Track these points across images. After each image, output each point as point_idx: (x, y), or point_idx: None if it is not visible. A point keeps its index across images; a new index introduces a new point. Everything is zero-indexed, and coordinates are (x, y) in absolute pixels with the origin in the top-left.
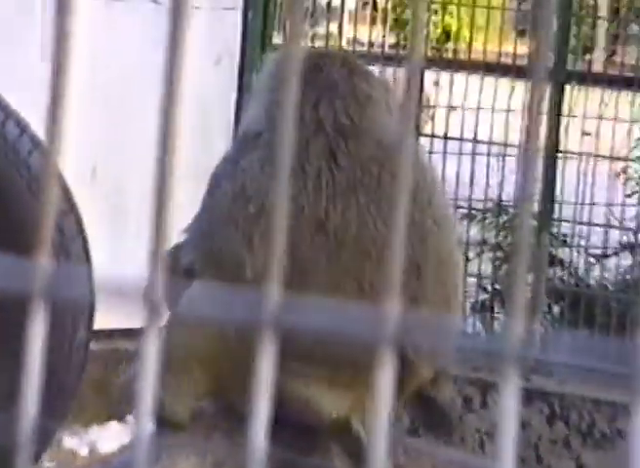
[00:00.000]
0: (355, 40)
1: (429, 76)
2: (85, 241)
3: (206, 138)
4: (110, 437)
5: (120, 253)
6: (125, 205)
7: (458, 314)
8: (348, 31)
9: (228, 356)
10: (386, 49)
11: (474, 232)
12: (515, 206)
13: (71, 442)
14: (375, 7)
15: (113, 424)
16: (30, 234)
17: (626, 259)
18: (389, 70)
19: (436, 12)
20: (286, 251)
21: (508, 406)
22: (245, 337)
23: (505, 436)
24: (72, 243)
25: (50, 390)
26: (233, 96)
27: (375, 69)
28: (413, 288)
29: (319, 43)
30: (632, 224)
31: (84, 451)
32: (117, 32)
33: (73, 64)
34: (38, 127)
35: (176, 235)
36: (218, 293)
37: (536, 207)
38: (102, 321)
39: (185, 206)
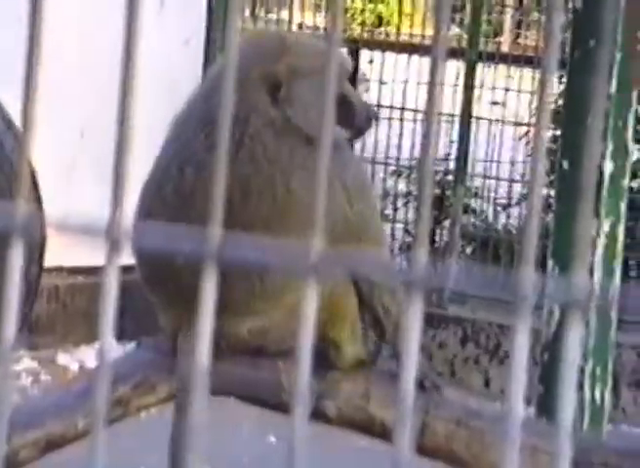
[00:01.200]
0: (302, 25)
1: (364, 55)
2: (38, 193)
3: (173, 110)
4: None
5: (105, 201)
6: (109, 164)
7: (382, 250)
8: (297, 17)
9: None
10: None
11: (402, 186)
12: (420, 163)
13: (64, 359)
14: None
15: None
16: None
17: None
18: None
19: (371, 1)
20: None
21: (414, 325)
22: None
23: (411, 343)
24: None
25: None
26: (199, 72)
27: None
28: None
29: (272, 27)
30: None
31: (74, 367)
32: (104, 7)
33: (46, 49)
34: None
35: (135, 184)
36: (168, 230)
37: (452, 164)
38: (87, 259)
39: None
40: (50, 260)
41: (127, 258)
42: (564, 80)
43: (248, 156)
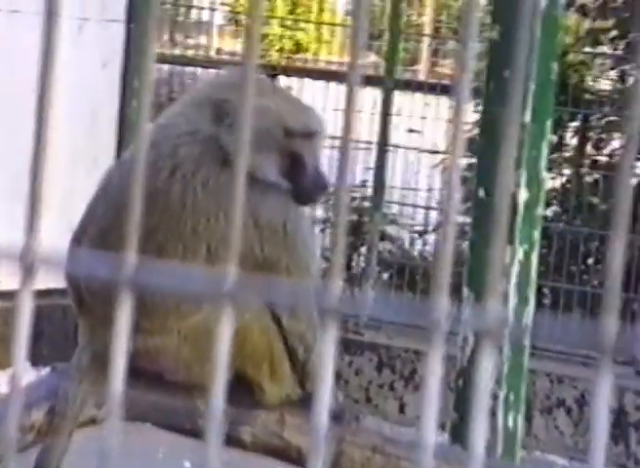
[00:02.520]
0: (221, 51)
1: (283, 81)
2: None
3: (94, 130)
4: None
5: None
6: (23, 189)
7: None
8: (216, 43)
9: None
10: None
11: (320, 212)
12: (336, 190)
13: None
14: (237, 23)
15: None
16: None
17: None
18: None
19: (289, 28)
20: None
21: (328, 352)
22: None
23: (325, 369)
24: None
25: None
26: (117, 95)
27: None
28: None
29: (190, 52)
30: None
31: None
32: (17, 41)
33: None
34: None
35: (48, 207)
36: (86, 256)
37: (369, 191)
38: (4, 283)
39: (77, 187)
40: None
41: (44, 282)
42: (479, 109)
43: (175, 183)
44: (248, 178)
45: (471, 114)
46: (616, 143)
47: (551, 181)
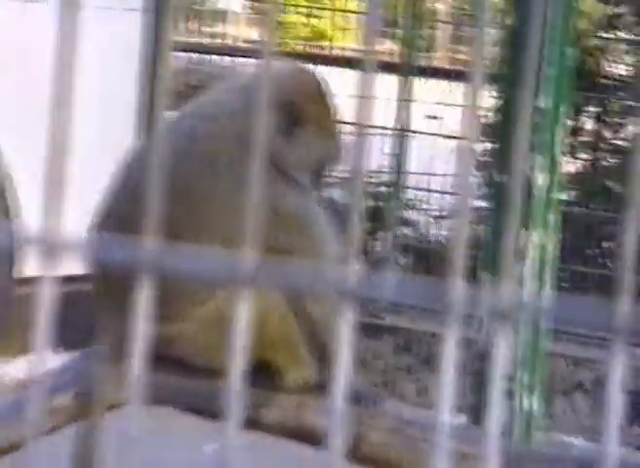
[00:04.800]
0: (238, 39)
1: (295, 64)
2: (6, 205)
3: (111, 121)
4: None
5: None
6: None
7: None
8: (233, 31)
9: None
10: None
11: (337, 196)
12: (353, 174)
13: (0, 370)
14: (255, 11)
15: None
16: None
17: None
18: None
19: (306, 15)
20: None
21: (346, 335)
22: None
23: (342, 352)
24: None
25: None
26: (134, 84)
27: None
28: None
29: (207, 40)
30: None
31: (5, 379)
32: (37, 30)
33: None
34: None
35: (69, 197)
36: (106, 242)
37: (387, 177)
38: (29, 269)
39: (94, 176)
40: None
41: (68, 269)
42: (498, 94)
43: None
44: (276, 172)
45: (490, 100)
46: (632, 128)
47: (567, 166)
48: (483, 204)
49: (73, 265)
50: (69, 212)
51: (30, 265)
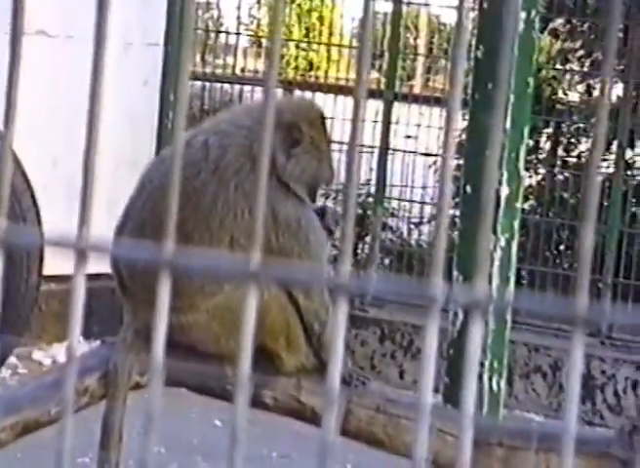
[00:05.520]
0: (245, 69)
1: (297, 95)
2: (37, 211)
3: (135, 139)
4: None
5: (73, 219)
6: (79, 188)
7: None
8: (241, 63)
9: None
10: None
11: (329, 206)
12: (345, 187)
13: (39, 355)
14: (259, 45)
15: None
16: None
17: None
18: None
19: (303, 49)
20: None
21: (340, 325)
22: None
23: (337, 340)
24: (28, 212)
25: (9, 318)
26: (156, 109)
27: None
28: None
29: (219, 70)
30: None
31: (48, 362)
32: (71, 62)
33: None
34: None
35: (96, 206)
36: (128, 244)
37: (372, 188)
38: (60, 268)
39: (121, 189)
40: None
41: (95, 267)
42: (467, 117)
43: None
44: (276, 183)
45: (459, 122)
46: (583, 147)
47: (528, 179)
48: (455, 212)
49: (98, 264)
50: (100, 222)
51: (60, 264)
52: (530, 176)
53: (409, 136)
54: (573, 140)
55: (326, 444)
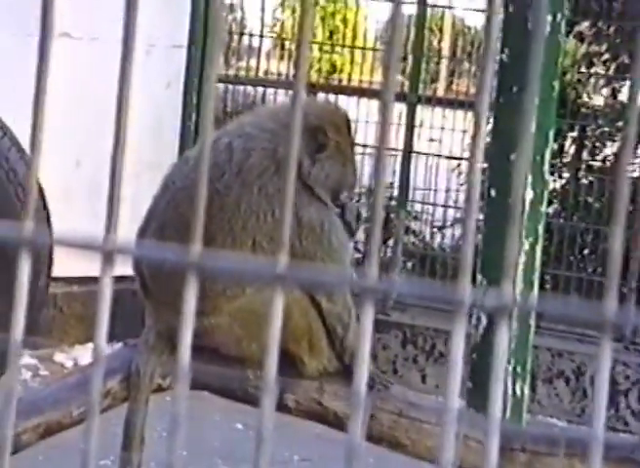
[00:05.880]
0: (268, 72)
1: (320, 98)
2: (48, 214)
3: (159, 142)
4: (89, 354)
5: (96, 220)
6: (101, 189)
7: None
8: (264, 65)
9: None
10: (291, 78)
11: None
12: (373, 189)
13: (60, 357)
14: (283, 47)
15: (91, 345)
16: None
17: (459, 230)
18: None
19: (326, 51)
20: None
21: (367, 327)
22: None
23: (363, 343)
24: (38, 214)
25: None
26: (179, 111)
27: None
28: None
29: (242, 73)
30: (463, 204)
31: (69, 364)
32: (96, 63)
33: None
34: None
35: (124, 205)
36: (153, 246)
37: (395, 191)
38: (82, 270)
39: (144, 190)
40: None
41: (117, 270)
42: (491, 121)
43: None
44: (301, 186)
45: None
46: (608, 151)
47: (552, 183)
48: (479, 216)
49: (120, 267)
50: (123, 222)
51: (82, 266)
52: (554, 180)
53: (432, 140)
54: (597, 144)
55: (352, 447)
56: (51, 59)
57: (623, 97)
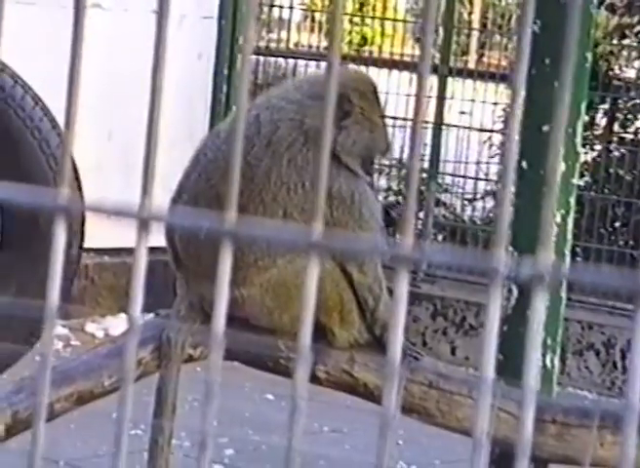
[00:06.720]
0: (299, 44)
1: (350, 67)
2: (80, 185)
3: (190, 112)
4: (120, 324)
5: (128, 191)
6: (133, 161)
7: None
8: (294, 37)
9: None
10: (321, 50)
11: (382, 182)
12: (407, 160)
13: (92, 327)
14: (313, 19)
15: (122, 315)
16: (26, 163)
17: (489, 202)
18: (322, 65)
19: (357, 23)
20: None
21: (401, 295)
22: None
23: (398, 313)
24: (71, 184)
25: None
26: (210, 82)
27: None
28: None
29: (272, 44)
30: (494, 177)
31: (100, 334)
32: (127, 34)
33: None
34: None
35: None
36: (188, 215)
37: (426, 164)
38: (113, 241)
39: (176, 161)
40: None
41: (150, 240)
42: (523, 93)
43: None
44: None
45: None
46: (639, 123)
47: (584, 156)
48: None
49: (152, 238)
50: (156, 193)
51: (114, 237)
52: (585, 153)
53: (463, 112)
54: (629, 116)
55: (386, 417)
56: (84, 32)
57: None
